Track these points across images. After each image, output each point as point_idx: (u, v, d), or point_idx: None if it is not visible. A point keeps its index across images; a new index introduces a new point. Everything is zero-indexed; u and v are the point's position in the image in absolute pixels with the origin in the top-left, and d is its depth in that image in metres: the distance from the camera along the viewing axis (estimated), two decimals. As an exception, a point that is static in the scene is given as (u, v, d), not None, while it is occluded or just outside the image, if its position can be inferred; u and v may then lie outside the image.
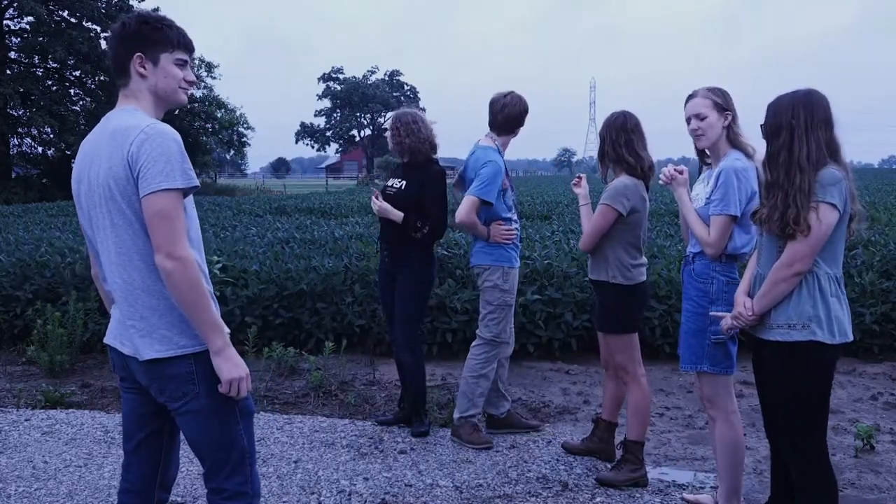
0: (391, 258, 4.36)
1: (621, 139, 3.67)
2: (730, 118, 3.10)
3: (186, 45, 2.23)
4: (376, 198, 4.34)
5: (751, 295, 2.74)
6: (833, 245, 2.57)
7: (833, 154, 2.56)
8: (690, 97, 3.15)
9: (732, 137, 3.11)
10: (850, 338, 2.61)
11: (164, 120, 2.21)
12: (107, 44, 2.23)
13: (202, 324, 2.06)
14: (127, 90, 2.19)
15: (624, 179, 3.66)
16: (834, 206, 2.50)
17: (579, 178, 4.13)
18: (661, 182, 3.25)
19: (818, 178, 2.50)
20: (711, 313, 2.99)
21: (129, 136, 2.05)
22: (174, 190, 2.02)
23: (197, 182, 2.08)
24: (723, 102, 3.10)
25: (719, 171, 3.04)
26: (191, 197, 2.17)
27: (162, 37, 2.18)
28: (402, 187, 4.34)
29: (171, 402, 2.16)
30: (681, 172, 3.22)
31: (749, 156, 3.08)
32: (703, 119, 3.08)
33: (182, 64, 2.22)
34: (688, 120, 3.14)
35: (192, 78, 2.27)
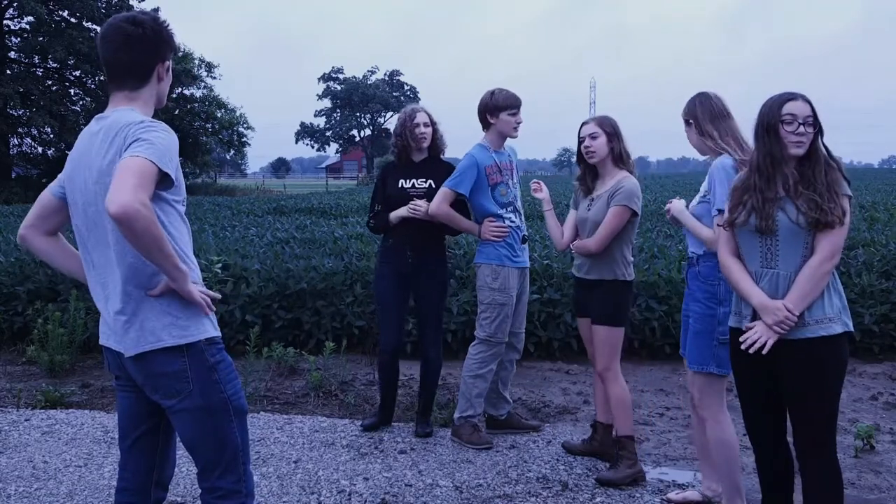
0: (416, 259, 4.24)
1: (624, 142, 3.79)
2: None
3: None
4: (417, 204, 4.15)
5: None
6: None
7: None
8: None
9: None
10: None
11: (163, 119, 2.22)
12: (121, 46, 2.13)
13: (166, 270, 2.04)
14: (135, 94, 2.17)
15: (633, 180, 3.74)
16: (850, 197, 2.57)
17: (539, 183, 4.17)
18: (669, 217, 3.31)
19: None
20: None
21: (125, 130, 2.05)
22: (151, 163, 1.96)
23: (173, 173, 2.03)
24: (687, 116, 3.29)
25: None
26: (182, 193, 2.18)
27: (173, 42, 2.22)
28: (432, 186, 4.24)
29: (165, 399, 2.17)
30: (669, 206, 3.31)
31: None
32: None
33: None
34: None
35: None
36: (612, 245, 3.70)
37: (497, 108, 4.12)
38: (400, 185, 4.29)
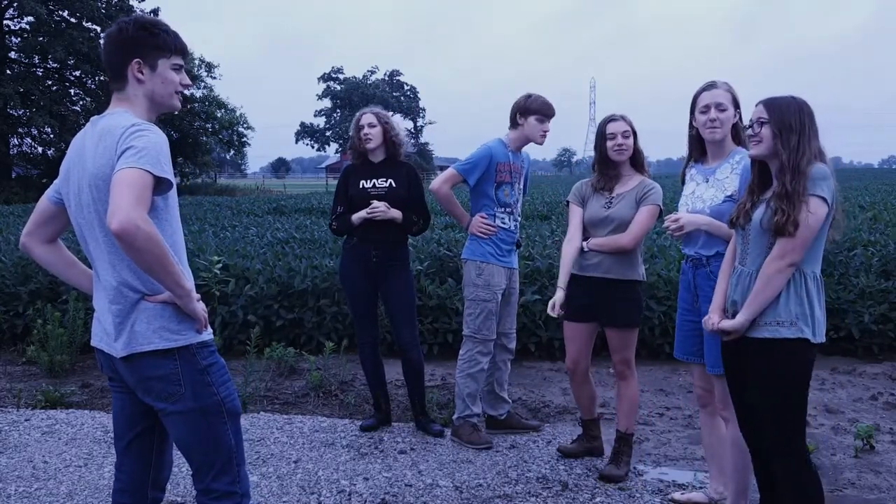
0: (381, 259, 4.27)
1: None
2: (738, 116, 3.13)
3: (182, 49, 2.24)
4: (375, 206, 4.19)
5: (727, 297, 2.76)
6: (817, 244, 2.58)
7: (820, 160, 2.58)
8: (710, 87, 3.13)
9: (736, 135, 3.14)
10: (825, 340, 2.64)
11: (163, 119, 2.22)
12: (102, 48, 2.22)
13: (169, 287, 2.05)
14: (122, 94, 2.19)
15: (655, 182, 3.75)
16: (824, 199, 2.51)
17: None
18: (676, 236, 3.22)
19: (809, 174, 2.51)
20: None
21: (116, 135, 2.05)
22: (146, 172, 1.97)
23: (170, 177, 2.05)
24: (737, 99, 3.14)
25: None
26: (176, 206, 2.18)
27: (160, 42, 2.19)
28: (392, 185, 4.29)
29: (157, 402, 2.17)
30: (678, 220, 3.18)
31: None
32: (723, 111, 3.10)
33: (178, 68, 2.23)
34: (705, 109, 3.10)
35: (188, 81, 2.28)
36: (639, 242, 3.73)
37: (528, 111, 4.13)
38: (361, 186, 4.33)
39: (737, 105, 3.14)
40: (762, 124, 2.60)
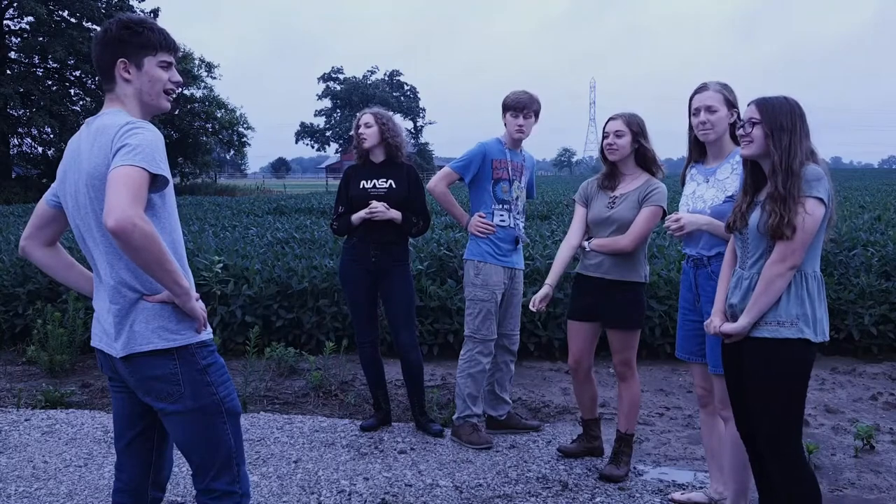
0: (380, 259, 4.28)
1: (650, 143, 3.76)
2: (735, 116, 3.11)
3: (169, 45, 2.22)
4: (374, 206, 4.20)
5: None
6: (815, 243, 2.59)
7: (812, 160, 2.59)
8: (701, 89, 3.13)
9: (735, 135, 3.13)
10: (828, 338, 2.64)
11: (163, 118, 2.22)
12: (92, 50, 2.22)
13: (167, 285, 2.04)
14: (113, 94, 2.20)
15: (660, 182, 3.73)
16: (821, 199, 2.52)
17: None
18: (677, 236, 3.20)
19: (802, 175, 2.52)
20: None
21: (110, 133, 2.04)
22: (142, 169, 1.96)
23: (166, 174, 2.04)
24: (732, 99, 3.13)
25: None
26: (174, 204, 2.17)
27: (144, 40, 2.17)
28: (392, 186, 4.30)
29: (157, 402, 2.17)
30: (679, 220, 3.17)
31: None
32: (713, 112, 3.09)
33: (166, 66, 2.21)
34: (696, 111, 3.12)
35: (178, 78, 2.26)
36: (639, 246, 3.70)
37: (504, 108, 4.17)
38: (361, 186, 4.34)
39: (731, 105, 3.12)
40: (754, 124, 2.60)
